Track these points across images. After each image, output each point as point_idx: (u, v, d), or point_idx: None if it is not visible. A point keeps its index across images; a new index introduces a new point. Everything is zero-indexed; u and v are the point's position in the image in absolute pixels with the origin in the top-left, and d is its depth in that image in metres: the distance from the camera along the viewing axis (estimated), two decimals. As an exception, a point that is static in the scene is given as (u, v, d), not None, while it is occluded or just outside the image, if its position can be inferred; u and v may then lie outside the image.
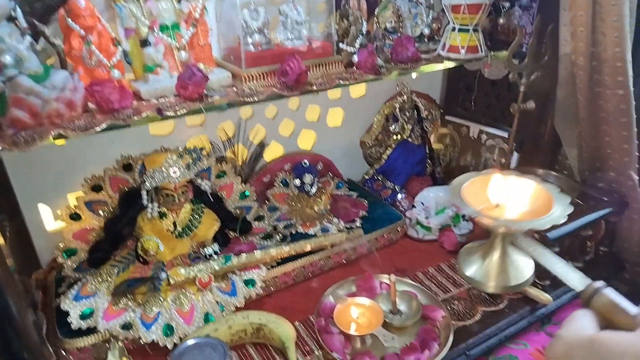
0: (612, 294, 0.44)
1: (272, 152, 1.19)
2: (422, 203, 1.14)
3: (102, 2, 0.84)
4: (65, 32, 0.78)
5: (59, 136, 0.69)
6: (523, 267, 0.67)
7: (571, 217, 0.93)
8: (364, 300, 0.83)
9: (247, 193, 1.06)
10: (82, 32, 0.76)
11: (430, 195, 1.15)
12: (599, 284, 0.46)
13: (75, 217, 0.89)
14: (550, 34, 0.97)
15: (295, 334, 0.80)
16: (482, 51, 1.06)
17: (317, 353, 0.80)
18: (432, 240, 1.11)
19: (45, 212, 0.95)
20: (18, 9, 0.71)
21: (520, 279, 0.62)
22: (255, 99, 0.84)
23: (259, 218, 1.07)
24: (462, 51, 1.05)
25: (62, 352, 0.76)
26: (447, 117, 1.36)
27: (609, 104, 0.89)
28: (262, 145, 1.15)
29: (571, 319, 0.44)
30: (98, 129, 0.71)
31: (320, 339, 0.80)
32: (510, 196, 0.70)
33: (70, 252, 0.87)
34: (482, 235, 0.81)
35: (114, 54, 0.80)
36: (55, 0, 0.78)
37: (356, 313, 0.81)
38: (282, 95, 0.87)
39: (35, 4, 0.77)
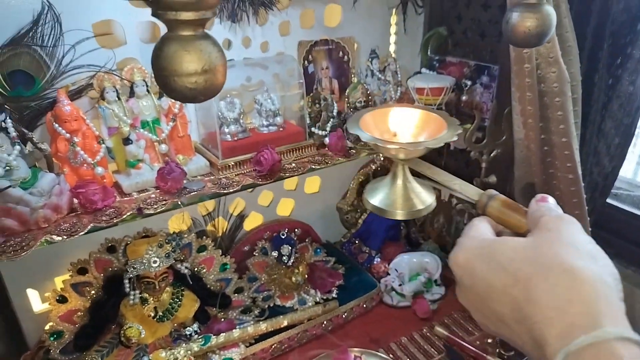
0: (504, 197, 0.47)
1: (252, 222, 1.24)
2: (396, 270, 1.19)
3: (87, 103, 0.90)
4: (52, 135, 0.83)
5: (47, 242, 0.74)
6: (425, 193, 0.68)
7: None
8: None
9: (227, 266, 1.11)
10: (68, 135, 0.82)
11: (404, 261, 1.20)
12: (493, 191, 0.48)
13: (61, 300, 0.92)
14: (507, 116, 1.05)
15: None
16: (446, 127, 1.13)
17: None
18: (406, 307, 1.16)
19: (33, 296, 0.99)
20: (8, 120, 0.77)
21: (425, 203, 0.63)
22: (231, 190, 0.90)
23: (239, 290, 1.11)
24: (429, 128, 1.12)
25: None
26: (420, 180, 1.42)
27: (562, 185, 0.97)
28: (241, 217, 1.20)
29: (470, 226, 0.46)
30: (82, 232, 0.76)
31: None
32: (406, 125, 0.72)
33: (57, 335, 0.91)
34: (454, 300, 0.85)
35: (98, 151, 0.86)
36: (43, 106, 0.84)
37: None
38: (256, 184, 0.93)
39: (24, 111, 0.83)
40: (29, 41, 0.80)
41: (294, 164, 0.99)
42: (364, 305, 1.14)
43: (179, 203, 0.85)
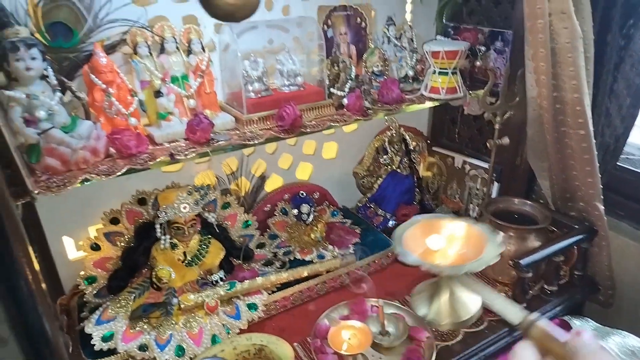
0: (545, 325, 0.48)
1: (273, 184, 1.29)
2: (411, 230, 1.23)
3: (120, 58, 0.96)
4: (89, 86, 0.89)
5: (86, 180, 0.79)
6: (470, 303, 0.72)
7: (544, 244, 1.02)
8: (354, 323, 0.92)
9: (249, 222, 1.16)
10: (104, 85, 0.87)
11: (418, 222, 1.24)
12: (534, 316, 0.50)
13: (95, 247, 0.98)
14: (520, 77, 1.08)
15: (293, 354, 0.89)
16: (460, 92, 1.17)
17: (313, 371, 0.89)
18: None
19: (68, 243, 1.04)
20: (49, 69, 0.82)
21: (469, 313, 0.68)
22: (256, 141, 0.94)
23: (260, 245, 1.16)
24: (442, 92, 1.15)
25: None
26: (433, 148, 1.46)
27: (573, 142, 1.00)
28: (263, 178, 1.25)
29: (514, 353, 0.48)
30: (119, 173, 0.81)
31: (316, 359, 0.89)
32: (447, 241, 0.76)
33: (91, 280, 0.97)
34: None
35: (131, 103, 0.91)
36: (80, 59, 0.89)
37: (347, 334, 0.90)
38: (279, 137, 0.97)
39: (63, 62, 0.88)
40: (69, -7, 0.85)
41: (313, 122, 1.03)
42: (380, 262, 1.18)
43: (208, 152, 0.90)
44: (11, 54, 0.76)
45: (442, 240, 0.77)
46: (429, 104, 1.17)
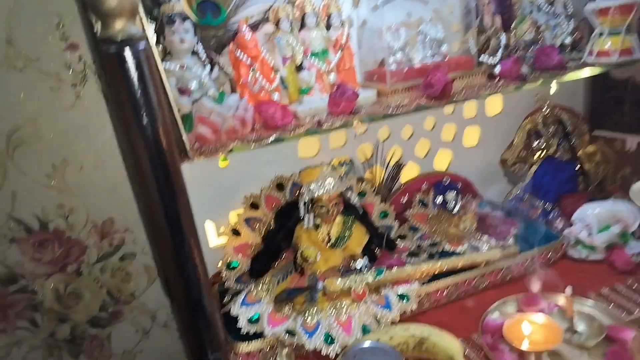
0: None
1: (408, 173, 1.18)
2: (583, 220, 1.03)
3: (262, 37, 0.95)
4: (234, 63, 0.88)
5: (236, 149, 0.76)
6: None
7: None
8: (537, 317, 0.76)
9: (387, 212, 1.06)
10: (249, 61, 0.86)
11: (591, 212, 1.04)
12: None
13: (236, 232, 0.95)
14: None
15: (461, 347, 0.75)
16: (638, 52, 0.98)
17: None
18: (597, 261, 0.99)
19: (210, 230, 1.04)
20: (199, 44, 0.83)
21: None
22: (403, 110, 0.86)
23: (402, 237, 1.05)
24: (615, 55, 0.98)
25: (233, 355, 0.80)
26: (595, 132, 1.25)
27: None
28: (398, 166, 1.15)
29: None
30: (267, 141, 0.78)
31: (488, 356, 0.74)
32: None
33: (232, 265, 0.93)
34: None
35: (274, 80, 0.89)
36: (227, 36, 0.90)
37: (529, 329, 0.74)
38: (428, 106, 0.88)
39: (211, 40, 0.89)
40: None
41: (463, 92, 0.92)
42: (547, 257, 1.00)
43: (353, 121, 0.83)
44: (167, 27, 0.79)
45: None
46: (597, 69, 1.00)
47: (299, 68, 0.91)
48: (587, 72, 1.00)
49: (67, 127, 0.94)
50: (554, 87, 1.24)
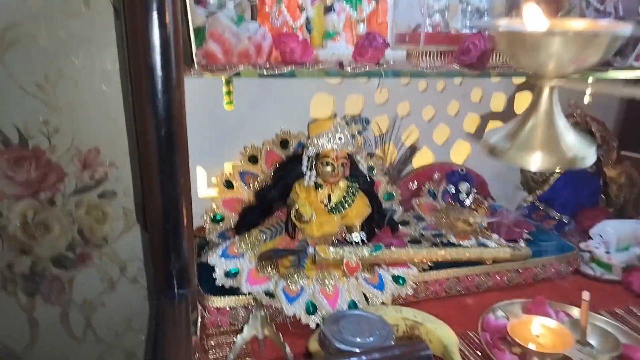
0: None
1: (421, 159, 1.10)
2: (601, 236, 0.95)
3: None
4: (259, -13, 0.80)
5: (245, 73, 0.67)
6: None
7: None
8: (548, 321, 0.67)
9: (393, 194, 0.97)
10: (275, -12, 0.78)
11: (610, 229, 0.96)
12: None
13: (228, 184, 0.86)
14: None
15: (456, 338, 0.66)
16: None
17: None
18: (612, 281, 0.91)
19: (200, 178, 0.94)
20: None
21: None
22: (434, 71, 0.77)
23: (404, 223, 0.96)
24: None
25: (201, 309, 0.70)
26: (623, 152, 1.17)
27: None
28: (413, 149, 1.06)
29: None
30: (279, 72, 0.69)
31: (486, 354, 0.65)
32: None
33: (217, 218, 0.84)
34: None
35: (299, 17, 0.80)
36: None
37: (538, 330, 0.65)
38: (461, 73, 0.79)
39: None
40: None
41: (499, 68, 0.84)
42: (558, 268, 0.91)
43: (380, 71, 0.74)
44: None
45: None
46: (642, 74, 0.92)
47: (329, 8, 0.82)
48: (630, 74, 0.93)
49: (69, 36, 0.85)
50: (587, 98, 1.16)
